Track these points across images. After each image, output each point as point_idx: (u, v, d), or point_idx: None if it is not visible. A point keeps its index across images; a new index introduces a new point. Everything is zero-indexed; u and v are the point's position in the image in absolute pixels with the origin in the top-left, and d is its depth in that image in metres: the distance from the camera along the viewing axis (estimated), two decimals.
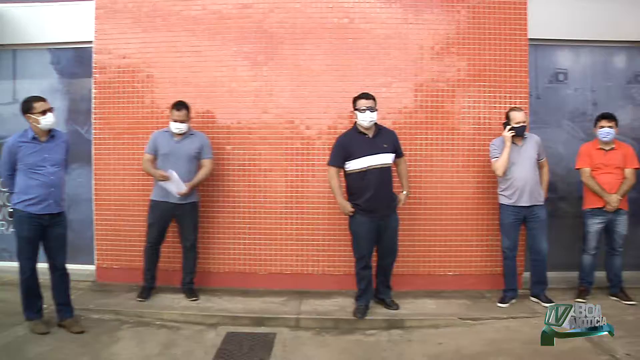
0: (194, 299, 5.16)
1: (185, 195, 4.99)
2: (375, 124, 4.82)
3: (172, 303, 5.08)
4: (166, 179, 4.95)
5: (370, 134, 4.79)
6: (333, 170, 4.81)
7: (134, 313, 4.88)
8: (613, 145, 5.27)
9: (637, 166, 5.26)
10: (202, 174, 5.15)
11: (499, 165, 5.09)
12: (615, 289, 5.40)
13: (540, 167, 5.24)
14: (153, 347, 4.23)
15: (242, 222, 5.55)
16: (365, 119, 4.71)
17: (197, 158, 5.15)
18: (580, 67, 6.17)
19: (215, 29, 5.53)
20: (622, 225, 5.29)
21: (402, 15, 5.51)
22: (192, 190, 5.09)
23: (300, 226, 5.53)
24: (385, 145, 4.77)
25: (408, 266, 5.55)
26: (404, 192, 4.95)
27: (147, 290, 5.22)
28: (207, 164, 5.19)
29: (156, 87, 5.61)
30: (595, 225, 5.31)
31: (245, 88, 5.53)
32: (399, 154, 4.94)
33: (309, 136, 5.49)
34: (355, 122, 4.84)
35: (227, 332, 4.54)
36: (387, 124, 5.40)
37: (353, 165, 4.75)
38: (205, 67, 5.55)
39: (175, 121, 5.05)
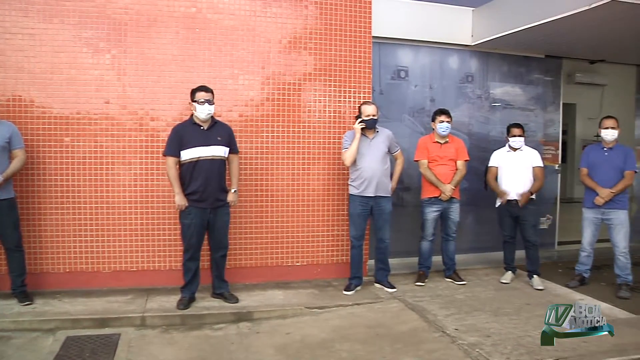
0: (28, 303, 4.74)
1: None
2: (212, 117, 4.83)
3: (3, 310, 4.60)
4: None
5: (206, 126, 4.79)
6: (170, 160, 4.75)
7: None
8: (447, 139, 5.70)
9: (467, 158, 5.75)
10: (16, 165, 4.71)
11: (347, 155, 5.27)
12: (450, 271, 5.88)
13: (395, 159, 5.52)
14: None
15: (84, 218, 5.22)
16: (203, 111, 4.70)
17: (7, 149, 4.70)
18: (420, 65, 6.63)
19: (51, 11, 5.09)
20: (455, 212, 5.75)
21: (250, 8, 5.49)
22: (6, 183, 4.64)
23: (146, 221, 5.33)
24: (219, 138, 4.80)
25: (256, 258, 5.61)
26: (233, 190, 4.95)
27: None
28: (19, 154, 4.75)
29: None
30: (432, 213, 5.71)
31: (86, 76, 5.18)
32: (233, 149, 4.96)
33: (154, 128, 5.29)
34: (193, 113, 4.79)
35: (66, 336, 4.22)
36: (233, 116, 5.44)
37: (185, 155, 4.73)
38: (41, 52, 5.09)
39: None
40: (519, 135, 5.71)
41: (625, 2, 4.75)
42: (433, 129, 5.72)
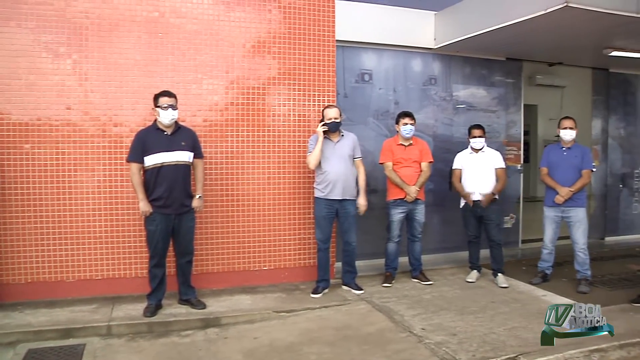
0: None
1: None
2: (176, 122, 4.80)
3: None
4: None
5: (169, 131, 4.77)
6: (134, 166, 4.70)
7: None
8: (411, 141, 5.77)
9: (431, 160, 5.83)
10: None
11: (310, 159, 5.30)
12: (416, 272, 5.95)
13: (356, 166, 5.52)
14: None
15: (46, 226, 5.10)
16: (167, 117, 4.67)
17: None
18: (384, 68, 6.70)
19: (7, 14, 4.94)
20: (420, 214, 5.82)
21: (214, 12, 5.47)
22: None
23: (111, 228, 5.25)
24: (183, 143, 4.78)
25: (223, 263, 5.58)
26: (198, 196, 4.93)
27: None
28: None
29: None
30: (397, 214, 5.77)
31: (47, 82, 5.06)
32: (197, 154, 4.94)
33: (117, 134, 5.22)
34: (156, 119, 4.76)
35: (28, 349, 4.11)
36: (197, 121, 5.42)
37: (149, 161, 4.69)
38: None
39: None
40: (480, 136, 5.83)
41: (577, 8, 4.93)
42: (397, 131, 5.79)
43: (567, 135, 5.65)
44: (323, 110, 5.40)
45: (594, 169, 5.80)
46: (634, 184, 8.74)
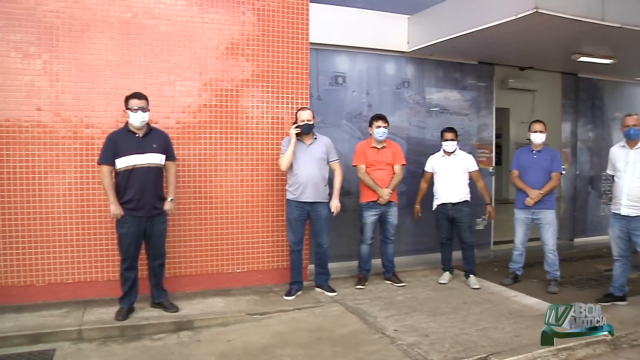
0: None
1: None
2: (147, 124, 4.77)
3: None
4: None
5: (141, 133, 4.73)
6: (105, 168, 4.66)
7: None
8: (384, 144, 5.81)
9: (404, 163, 5.89)
10: None
11: (282, 160, 5.32)
12: (389, 273, 5.99)
13: (332, 169, 5.54)
14: None
15: (15, 229, 5.01)
16: (137, 119, 4.64)
17: None
18: (357, 71, 6.73)
19: None
20: (393, 216, 5.87)
21: (187, 13, 5.45)
22: None
23: (82, 231, 5.17)
24: (155, 145, 4.75)
25: (196, 266, 5.56)
26: (170, 199, 4.90)
27: None
28: None
29: None
30: (370, 217, 5.81)
31: (15, 82, 4.97)
32: (169, 156, 4.91)
33: (89, 135, 5.15)
34: (127, 121, 4.72)
35: None
36: (170, 123, 5.39)
37: (120, 163, 4.65)
38: None
39: None
40: (452, 139, 5.90)
41: (547, 14, 5.04)
42: (370, 134, 5.83)
43: (537, 138, 5.76)
44: (296, 112, 5.42)
45: (564, 172, 5.93)
46: (601, 187, 8.95)
